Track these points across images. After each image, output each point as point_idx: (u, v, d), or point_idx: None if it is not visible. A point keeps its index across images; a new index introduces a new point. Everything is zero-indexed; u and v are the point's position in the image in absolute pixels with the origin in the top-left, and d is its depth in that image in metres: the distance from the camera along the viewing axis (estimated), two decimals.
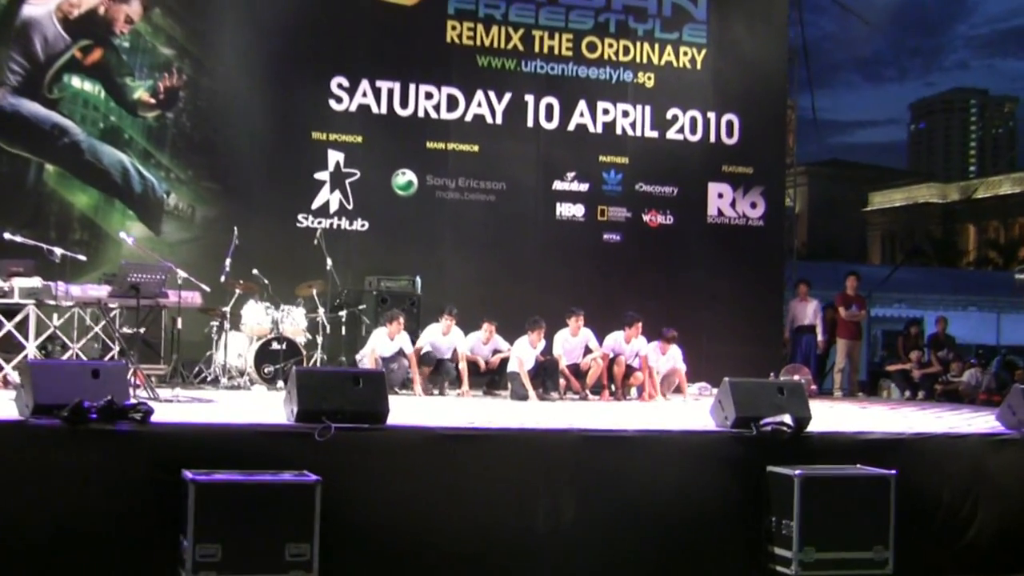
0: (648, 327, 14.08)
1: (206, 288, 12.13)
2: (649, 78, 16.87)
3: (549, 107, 16.39)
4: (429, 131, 15.85)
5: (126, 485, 6.99)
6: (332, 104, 15.45)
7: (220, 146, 14.98)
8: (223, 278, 13.10)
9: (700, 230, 17.02)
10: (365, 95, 15.58)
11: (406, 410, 9.68)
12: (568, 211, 16.45)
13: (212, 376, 13.04)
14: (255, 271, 13.49)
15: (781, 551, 7.96)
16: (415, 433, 8.05)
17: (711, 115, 17.11)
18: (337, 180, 15.38)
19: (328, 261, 13.82)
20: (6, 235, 11.79)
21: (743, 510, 8.20)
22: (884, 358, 20.49)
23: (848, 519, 7.91)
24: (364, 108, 15.58)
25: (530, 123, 16.31)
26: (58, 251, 11.59)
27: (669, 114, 16.94)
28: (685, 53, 17.04)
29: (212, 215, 14.82)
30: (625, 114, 16.74)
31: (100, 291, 11.12)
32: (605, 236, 16.62)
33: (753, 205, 17.28)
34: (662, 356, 14.14)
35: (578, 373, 13.76)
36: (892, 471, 8.09)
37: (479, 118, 16.08)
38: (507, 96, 16.19)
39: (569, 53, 16.50)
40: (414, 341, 13.53)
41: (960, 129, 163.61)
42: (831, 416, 11.24)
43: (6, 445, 6.92)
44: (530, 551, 7.82)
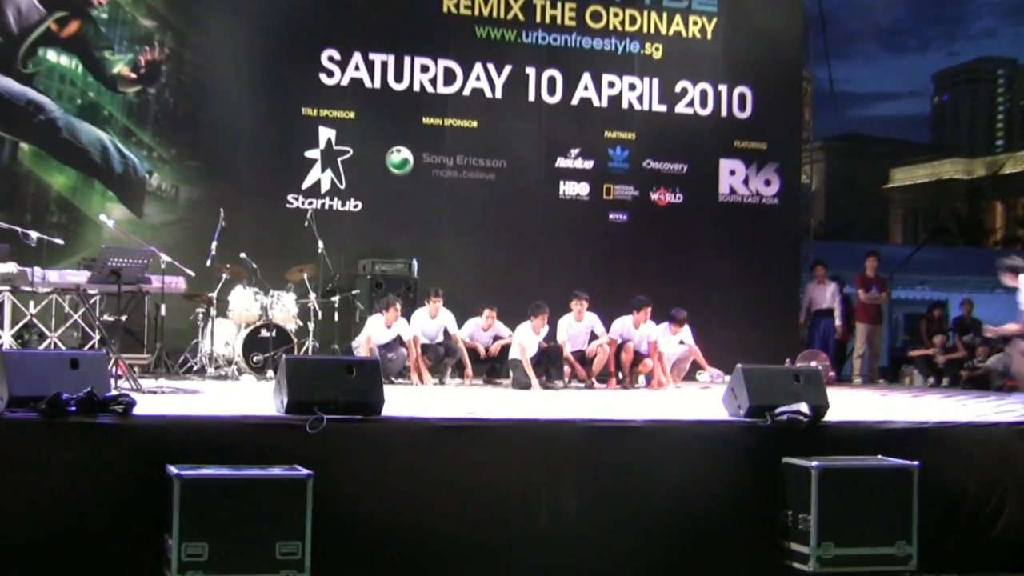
0: (657, 311, 14.08)
1: (191, 273, 12.14)
2: (657, 49, 16.83)
3: (551, 80, 16.35)
4: (425, 106, 15.82)
5: (107, 481, 6.98)
6: (323, 78, 15.41)
7: (205, 123, 14.95)
8: (209, 262, 13.09)
9: (711, 209, 17.00)
10: (358, 68, 15.54)
11: (402, 400, 9.67)
12: (572, 190, 16.43)
13: (198, 366, 13.04)
14: (243, 255, 13.48)
15: (798, 546, 7.95)
16: (412, 424, 8.04)
17: (722, 88, 17.08)
18: (328, 158, 15.35)
19: (320, 244, 13.81)
20: None
21: (757, 504, 8.19)
22: (906, 343, 20.43)
23: (868, 513, 7.90)
24: (356, 82, 15.54)
25: (531, 97, 16.27)
26: (34, 235, 11.56)
27: (678, 87, 16.91)
28: (695, 22, 17.00)
29: (197, 196, 14.80)
30: (632, 87, 16.70)
31: (79, 277, 11.11)
32: (611, 216, 16.61)
33: (767, 182, 17.26)
34: (672, 338, 14.14)
35: (583, 360, 13.76)
36: (915, 462, 8.07)
37: (478, 92, 16.04)
38: (507, 69, 16.15)
39: (572, 23, 16.46)
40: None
41: (986, 101, 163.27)
42: (850, 404, 11.23)
43: None
44: (533, 547, 7.82)
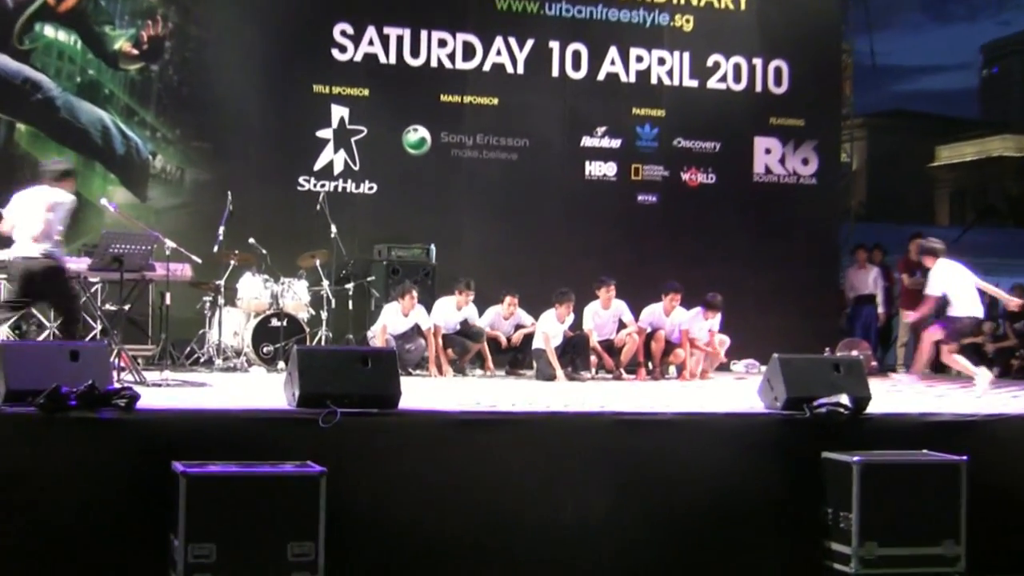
0: (688, 298, 14.04)
1: (197, 260, 12.12)
2: (687, 21, 16.76)
3: (576, 54, 16.29)
4: (443, 83, 15.79)
5: (109, 479, 7.01)
6: (335, 54, 15.39)
7: (211, 102, 14.93)
8: (216, 248, 13.11)
9: (745, 190, 16.94)
10: (372, 43, 15.52)
11: (420, 393, 9.68)
12: (598, 170, 16.38)
13: (205, 357, 13.08)
14: (252, 240, 13.51)
15: (839, 546, 7.93)
16: (430, 418, 8.06)
17: (757, 61, 16.99)
18: (342, 138, 15.35)
19: (332, 228, 13.81)
20: None
21: (795, 501, 8.17)
22: None
23: (914, 511, 7.87)
24: (371, 58, 15.52)
25: (555, 73, 16.22)
26: None
27: (710, 61, 16.83)
28: None
29: (203, 179, 14.81)
30: (661, 61, 16.64)
31: (79, 264, 11.14)
32: (639, 197, 16.56)
33: (805, 161, 17.18)
34: (704, 324, 14.09)
35: (611, 350, 13.74)
36: (963, 457, 8.04)
37: (498, 68, 16.00)
38: (529, 43, 16.10)
39: None
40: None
41: None
42: (894, 396, 11.19)
43: None
44: (558, 546, 7.82)
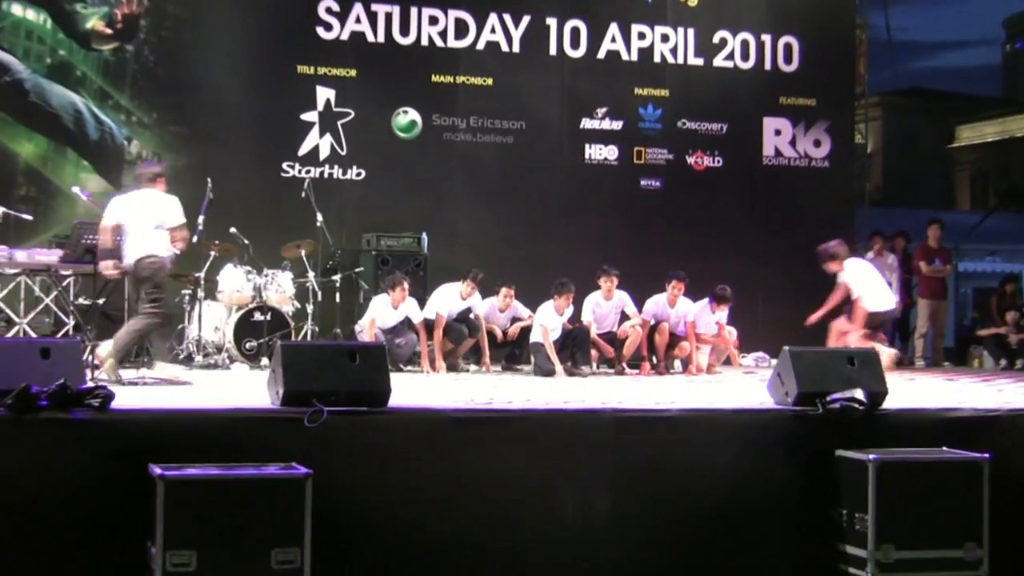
0: (694, 288, 14.03)
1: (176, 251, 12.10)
2: None
3: (575, 31, 16.29)
4: (434, 62, 15.80)
5: (82, 483, 6.98)
6: (320, 32, 15.39)
7: (189, 84, 14.94)
8: (195, 238, 13.05)
9: (754, 174, 16.96)
10: (359, 21, 15.51)
11: (411, 390, 9.67)
12: (599, 153, 16.38)
13: (184, 354, 13.06)
14: (233, 230, 13.48)
15: (854, 549, 7.92)
16: (422, 416, 8.04)
17: (766, 38, 17.00)
18: (327, 121, 15.35)
19: (318, 217, 13.80)
20: None
21: (807, 502, 8.16)
22: (975, 321, 20.39)
23: (933, 512, 7.86)
24: (358, 36, 15.51)
25: (553, 51, 16.23)
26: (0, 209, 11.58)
27: (716, 37, 16.84)
28: None
29: (181, 165, 14.74)
30: (665, 38, 16.63)
31: (51, 256, 11.13)
32: (642, 182, 16.57)
33: (817, 143, 17.19)
34: (712, 317, 14.09)
35: (613, 343, 13.73)
36: (985, 455, 8.02)
37: (493, 46, 16.00)
38: (525, 19, 16.10)
39: None
40: (422, 308, 13.53)
41: None
42: (912, 390, 11.19)
43: None
44: (559, 550, 7.81)
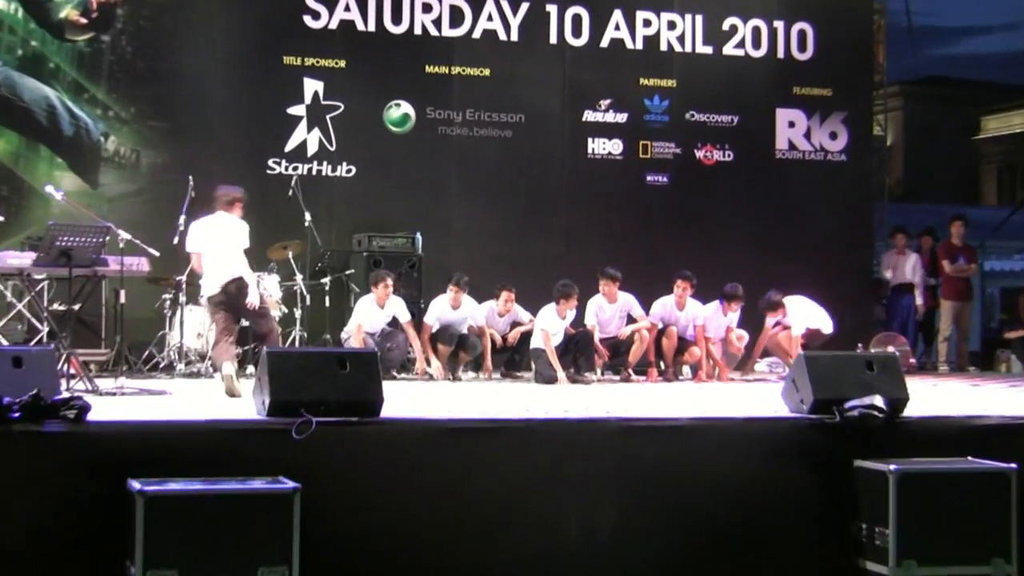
0: (704, 289, 14.04)
1: (155, 253, 12.11)
2: None
3: (576, 19, 16.28)
4: (428, 52, 15.78)
5: (57, 499, 6.98)
6: (307, 21, 15.37)
7: (169, 76, 14.92)
8: (177, 240, 13.06)
9: (767, 168, 16.94)
10: (348, 8, 15.50)
11: (405, 398, 9.67)
12: (602, 148, 16.38)
13: (165, 362, 13.08)
14: None
15: (874, 566, 7.93)
16: (416, 427, 8.04)
17: (778, 24, 16.98)
18: (316, 115, 15.34)
19: (307, 216, 13.82)
20: None
21: (824, 515, 8.17)
22: (1002, 323, 20.38)
23: (958, 525, 7.86)
24: (347, 25, 15.50)
25: (553, 39, 16.21)
26: None
27: (726, 24, 16.83)
28: None
29: (161, 162, 14.80)
30: (671, 26, 16.63)
31: (23, 259, 11.10)
32: (649, 177, 16.56)
33: (833, 135, 17.18)
34: (723, 319, 14.09)
35: (618, 349, 13.73)
36: (1012, 465, 8.03)
37: (490, 34, 15.99)
38: (524, 6, 16.09)
39: None
40: (413, 312, 13.55)
41: None
42: (935, 397, 11.18)
43: None
44: (561, 566, 7.83)
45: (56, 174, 14.33)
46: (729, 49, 16.85)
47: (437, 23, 15.80)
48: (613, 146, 16.40)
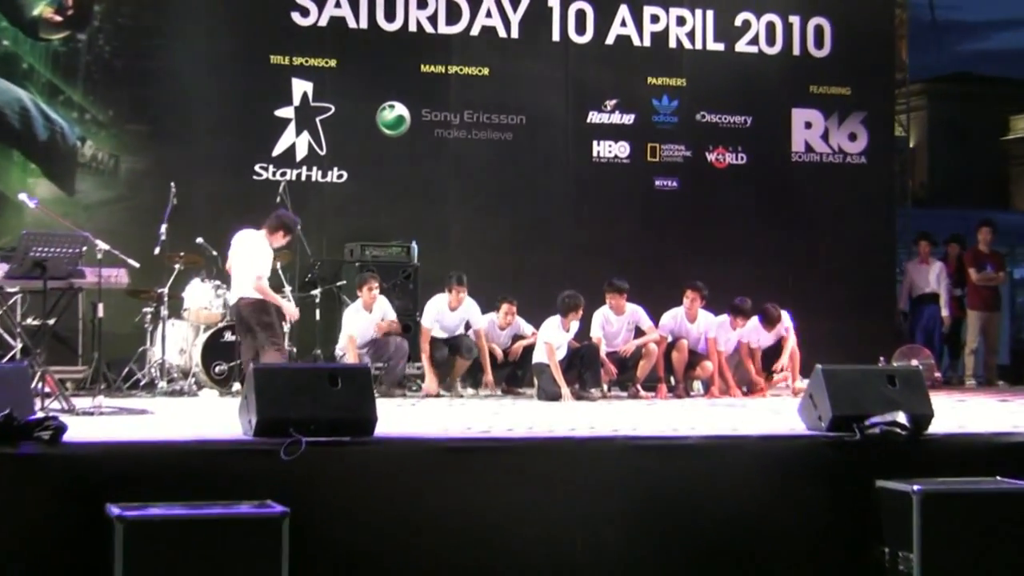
0: (716, 300, 14.03)
1: (135, 264, 12.09)
2: None
3: (580, 14, 16.30)
4: (424, 51, 15.80)
5: (31, 525, 6.97)
6: (296, 18, 15.39)
7: (149, 77, 14.94)
8: (158, 250, 13.10)
9: (782, 171, 16.95)
10: (339, 5, 15.51)
11: (400, 416, 9.68)
12: (608, 151, 16.39)
13: (146, 379, 13.08)
14: (200, 240, 13.50)
15: None
16: (412, 446, 8.06)
17: (794, 19, 17.00)
18: (305, 118, 15.35)
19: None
20: None
21: (844, 539, 8.16)
22: None
23: (986, 550, 7.85)
24: (338, 22, 15.51)
25: (556, 36, 16.24)
26: None
27: (738, 19, 16.85)
28: None
29: (141, 167, 14.81)
30: (681, 21, 16.64)
31: None
32: (658, 182, 16.57)
33: (852, 137, 17.18)
34: (732, 335, 14.08)
35: (625, 364, 13.72)
36: None
37: (489, 32, 16.01)
38: (525, 2, 16.10)
39: None
40: (408, 325, 13.58)
41: None
42: (961, 412, 11.17)
43: None
44: None
45: (30, 181, 14.32)
46: (742, 46, 16.86)
47: (433, 20, 15.81)
48: (619, 149, 16.41)
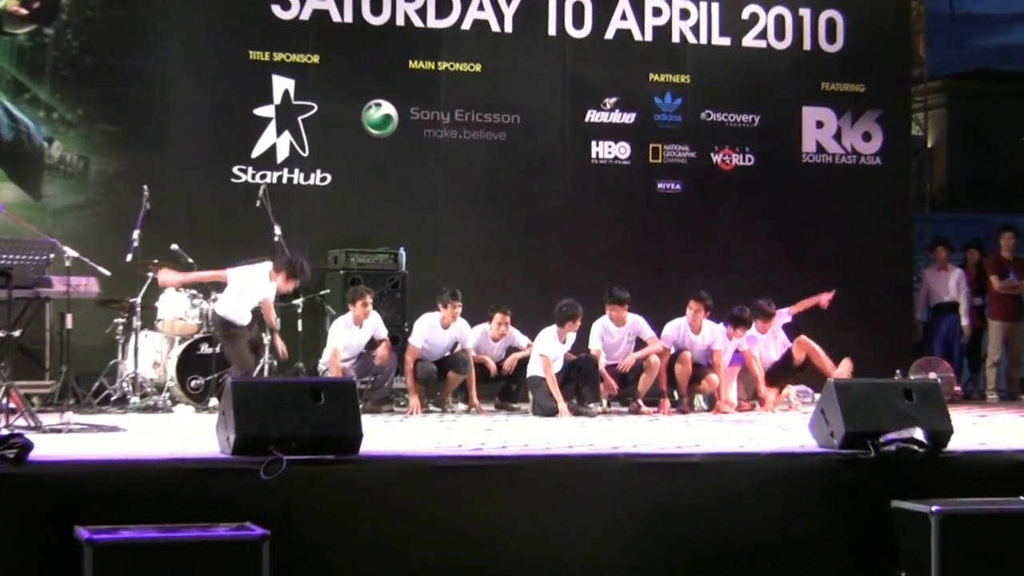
0: (721, 310, 14.02)
1: (106, 272, 12.08)
2: None
3: (578, 7, 16.31)
4: (412, 46, 15.80)
5: None
6: (276, 11, 15.37)
7: (121, 74, 14.92)
8: (130, 257, 13.09)
9: (792, 173, 16.96)
10: None
11: (387, 433, 9.69)
12: (608, 151, 16.40)
13: (118, 394, 13.05)
14: (175, 246, 13.49)
15: None
16: (400, 465, 8.07)
17: (804, 13, 17.02)
18: (286, 117, 15.36)
19: (276, 229, 13.80)
20: None
21: (858, 561, 8.19)
22: None
23: (1008, 573, 7.87)
24: (321, 16, 15.51)
25: (552, 30, 16.24)
26: None
27: (745, 13, 16.86)
28: None
29: (112, 170, 14.80)
30: (684, 14, 16.66)
31: None
32: (660, 184, 16.57)
33: (866, 136, 17.20)
34: (731, 344, 14.07)
35: (625, 376, 13.72)
36: None
37: (481, 25, 16.02)
38: None
39: None
40: (396, 336, 13.59)
41: None
42: (982, 429, 11.18)
43: None
44: None
45: None
46: (749, 40, 16.87)
47: (422, 13, 15.81)
48: (619, 150, 16.42)
